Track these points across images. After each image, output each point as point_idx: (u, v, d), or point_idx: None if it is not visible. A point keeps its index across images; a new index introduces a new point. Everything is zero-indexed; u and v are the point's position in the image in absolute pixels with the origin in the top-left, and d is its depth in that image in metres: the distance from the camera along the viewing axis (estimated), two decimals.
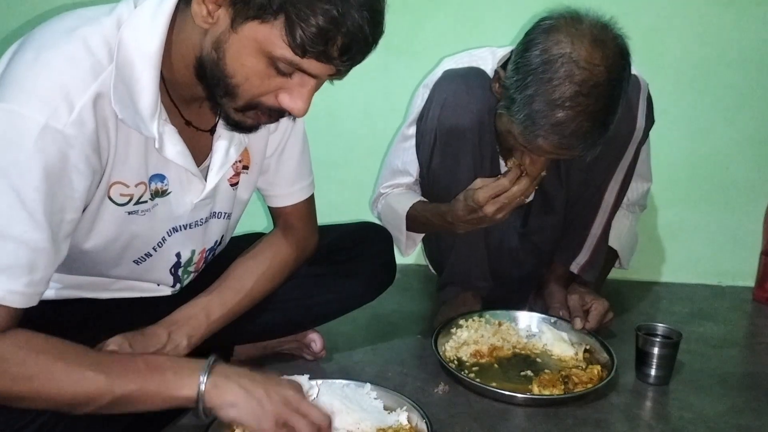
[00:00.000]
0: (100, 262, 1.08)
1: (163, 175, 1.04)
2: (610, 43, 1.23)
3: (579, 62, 1.20)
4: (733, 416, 1.31)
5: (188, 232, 1.13)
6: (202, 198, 1.09)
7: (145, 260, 1.12)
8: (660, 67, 1.89)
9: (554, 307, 1.61)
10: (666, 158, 1.88)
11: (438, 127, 1.47)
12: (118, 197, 1.00)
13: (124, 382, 0.91)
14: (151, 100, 0.93)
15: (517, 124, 1.27)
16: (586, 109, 1.21)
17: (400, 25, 1.90)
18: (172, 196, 1.07)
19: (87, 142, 0.90)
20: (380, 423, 1.14)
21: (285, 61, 0.89)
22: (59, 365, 0.89)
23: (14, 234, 0.86)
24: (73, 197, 0.91)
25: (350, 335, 1.58)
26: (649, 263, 2.03)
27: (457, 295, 1.66)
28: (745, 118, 1.95)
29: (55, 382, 0.89)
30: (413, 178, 1.63)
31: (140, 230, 1.06)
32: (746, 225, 2.01)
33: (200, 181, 1.08)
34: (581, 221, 1.60)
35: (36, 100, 0.85)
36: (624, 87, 1.25)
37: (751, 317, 1.85)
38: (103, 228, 1.01)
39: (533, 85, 1.23)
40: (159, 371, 0.94)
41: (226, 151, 1.09)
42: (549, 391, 1.32)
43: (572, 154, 1.28)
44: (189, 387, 0.94)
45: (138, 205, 1.03)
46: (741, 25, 1.88)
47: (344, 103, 1.97)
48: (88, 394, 0.90)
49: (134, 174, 1.00)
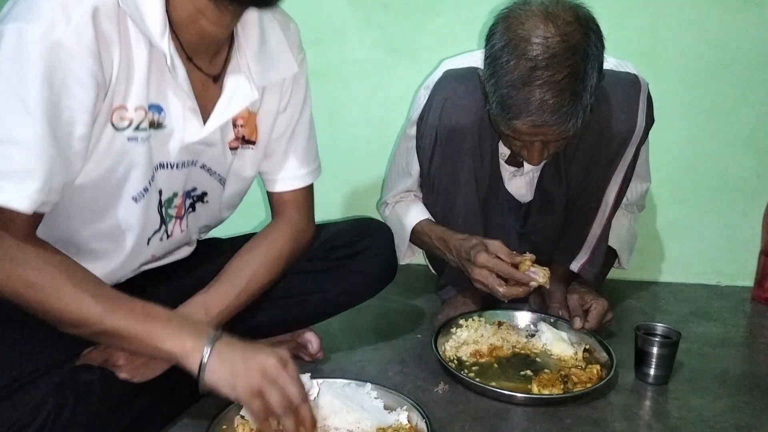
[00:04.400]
0: (101, 197, 1.06)
1: (161, 107, 1.05)
2: (563, 14, 1.24)
3: (531, 39, 1.23)
4: (731, 415, 1.31)
5: (174, 173, 1.12)
6: (197, 140, 1.09)
7: (143, 196, 1.09)
8: (660, 67, 1.89)
9: (554, 306, 1.61)
10: (665, 158, 1.89)
11: (438, 128, 1.47)
12: (119, 121, 1.01)
13: (116, 318, 0.97)
14: (158, 15, 0.96)
15: (495, 115, 1.31)
16: (548, 81, 1.22)
17: (400, 26, 1.91)
18: (166, 132, 1.07)
19: (87, 53, 0.92)
20: (380, 422, 1.15)
21: None
22: (68, 284, 0.95)
23: (21, 140, 0.90)
24: (79, 110, 0.94)
25: (350, 335, 1.58)
26: (649, 263, 2.03)
27: (457, 295, 1.66)
28: (744, 119, 1.95)
29: (59, 298, 0.94)
30: (414, 179, 1.64)
31: (138, 160, 1.05)
32: (745, 225, 2.01)
33: (198, 123, 1.08)
34: (581, 221, 1.60)
35: (38, 16, 0.90)
36: (590, 53, 1.25)
37: (750, 317, 1.85)
38: (104, 156, 1.01)
39: (496, 72, 1.27)
40: (151, 319, 0.99)
41: (230, 98, 1.10)
42: (548, 390, 1.32)
43: (554, 131, 1.28)
44: (172, 342, 0.98)
45: (137, 132, 1.03)
46: (741, 25, 1.88)
47: (344, 103, 1.98)
48: (81, 318, 0.95)
49: (135, 98, 1.01)
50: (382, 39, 1.92)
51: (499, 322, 1.57)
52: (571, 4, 1.27)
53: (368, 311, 1.65)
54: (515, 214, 1.65)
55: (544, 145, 1.34)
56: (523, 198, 1.64)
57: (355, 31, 1.94)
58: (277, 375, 1.00)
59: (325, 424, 1.13)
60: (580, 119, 1.28)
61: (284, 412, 0.99)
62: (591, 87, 1.27)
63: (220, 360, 0.98)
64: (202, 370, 0.98)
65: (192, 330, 1.00)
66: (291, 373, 1.02)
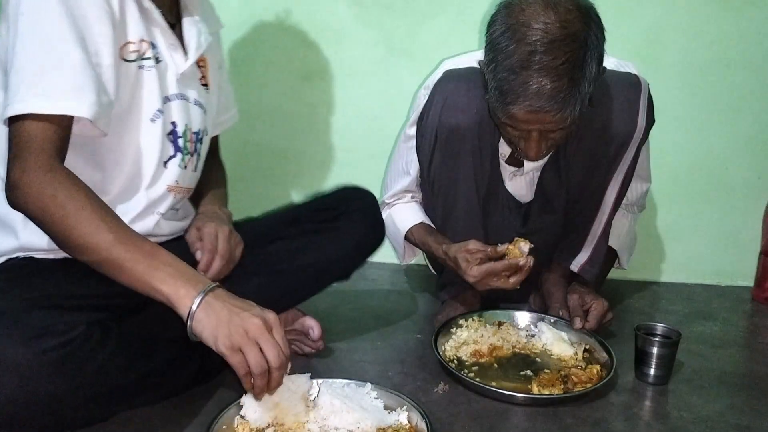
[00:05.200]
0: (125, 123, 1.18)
1: (154, 43, 1.21)
2: (564, 2, 1.25)
3: (531, 25, 1.24)
4: (731, 415, 1.31)
5: (179, 104, 1.27)
6: (185, 70, 1.26)
7: (159, 117, 1.22)
8: (660, 67, 1.89)
9: (554, 306, 1.61)
10: (665, 158, 1.89)
11: (438, 127, 1.47)
12: (129, 54, 1.16)
13: (123, 249, 1.04)
14: None
15: (492, 102, 1.32)
16: (547, 66, 1.22)
17: (400, 26, 1.91)
18: (162, 65, 1.23)
19: None
20: (380, 422, 1.15)
21: None
22: (89, 208, 1.04)
23: (66, 62, 1.04)
24: (103, 42, 1.09)
25: (350, 335, 1.58)
26: (649, 263, 2.04)
27: (457, 295, 1.66)
28: (744, 119, 1.95)
29: (78, 220, 1.03)
30: (414, 178, 1.64)
31: (149, 85, 1.20)
32: (745, 225, 2.01)
33: (182, 56, 1.26)
34: (581, 221, 1.61)
35: None
36: (589, 41, 1.25)
37: (750, 317, 1.85)
38: (123, 86, 1.15)
39: (496, 57, 1.28)
40: (155, 259, 1.06)
41: (197, 37, 1.29)
42: (548, 390, 1.32)
43: (551, 117, 1.27)
44: (167, 285, 1.04)
45: (144, 60, 1.18)
46: (741, 25, 1.88)
47: (345, 103, 1.98)
48: (92, 243, 1.03)
49: (135, 33, 1.16)
50: (382, 39, 1.92)
51: (499, 322, 1.58)
52: None
53: (368, 311, 1.65)
54: (515, 214, 1.65)
55: (542, 136, 1.33)
56: (524, 198, 1.64)
57: (355, 31, 1.94)
58: (258, 335, 1.03)
59: (325, 424, 1.13)
60: (578, 107, 1.27)
61: (258, 372, 1.03)
62: (589, 76, 1.27)
63: (207, 311, 1.03)
64: (190, 318, 1.03)
65: (189, 278, 1.06)
66: (275, 335, 1.05)
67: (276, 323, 1.06)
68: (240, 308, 1.05)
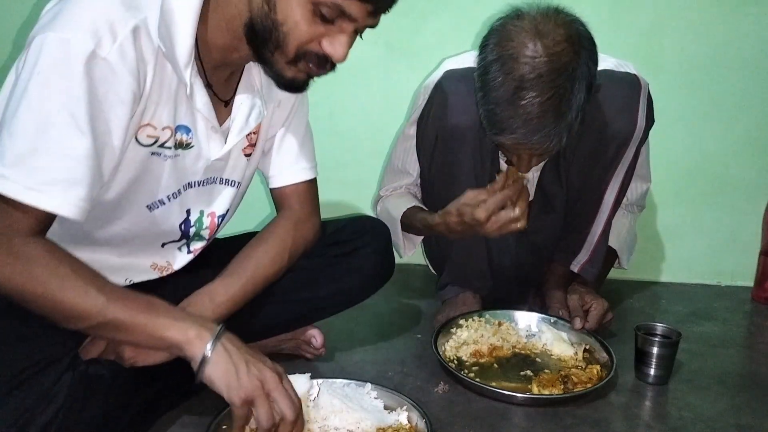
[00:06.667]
0: (117, 205, 1.10)
1: (188, 127, 1.11)
2: (552, 32, 1.24)
3: (519, 58, 1.23)
4: (731, 415, 1.31)
5: (201, 190, 1.19)
6: (219, 157, 1.15)
7: (158, 207, 1.14)
8: (660, 67, 1.89)
9: (554, 306, 1.61)
10: (665, 158, 1.89)
11: (439, 128, 1.47)
12: (145, 138, 1.06)
13: (118, 308, 0.97)
14: (186, 48, 1.01)
15: (483, 123, 1.33)
16: (532, 102, 1.23)
17: (401, 25, 1.91)
18: (194, 150, 1.13)
19: (128, 72, 0.97)
20: (380, 422, 1.15)
21: (329, 5, 0.98)
22: (72, 277, 0.96)
23: (71, 152, 0.94)
24: (116, 124, 0.98)
25: (350, 335, 1.58)
26: (649, 263, 2.03)
27: (457, 295, 1.66)
28: (744, 119, 1.95)
29: (64, 291, 0.95)
30: (413, 178, 1.64)
31: (159, 174, 1.11)
32: (745, 225, 2.01)
33: (221, 139, 1.15)
34: (581, 221, 1.60)
35: (84, 30, 0.93)
36: (578, 72, 1.24)
37: (750, 317, 1.85)
38: (125, 169, 1.06)
39: (484, 86, 1.29)
40: (154, 310, 1.00)
41: (246, 116, 1.17)
42: (548, 390, 1.32)
43: (537, 148, 1.29)
44: (174, 331, 0.98)
45: (161, 149, 1.08)
46: (741, 25, 1.88)
47: (345, 103, 1.98)
48: (84, 310, 0.96)
49: (164, 118, 1.06)
50: (382, 39, 1.92)
51: (499, 322, 1.57)
52: (565, 20, 1.26)
53: (368, 311, 1.65)
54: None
55: (531, 157, 1.37)
56: None
57: None
58: (273, 388, 0.99)
59: (325, 424, 1.13)
60: (565, 137, 1.29)
61: (268, 427, 0.98)
62: (577, 105, 1.27)
63: (224, 356, 0.98)
64: (204, 361, 0.97)
65: (196, 321, 1.01)
66: (286, 387, 1.02)
67: (284, 374, 1.04)
68: (254, 356, 1.01)
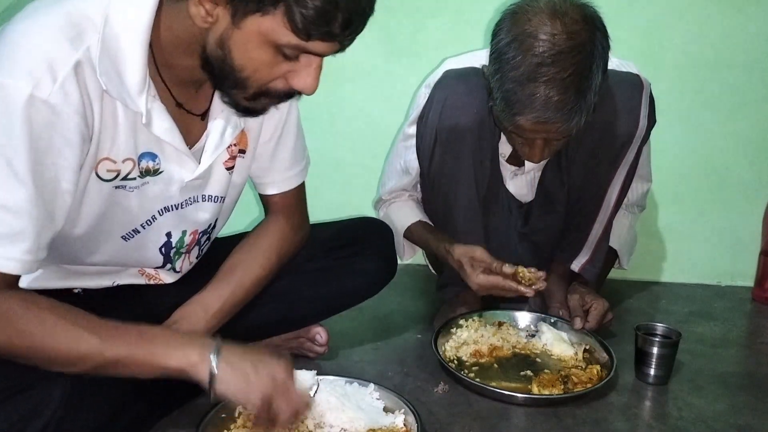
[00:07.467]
0: (89, 239, 1.08)
1: (154, 153, 1.05)
2: (570, 12, 1.25)
3: (538, 36, 1.23)
4: (732, 416, 1.31)
5: (179, 213, 1.14)
6: (193, 178, 1.10)
7: (133, 236, 1.11)
8: (660, 67, 1.89)
9: (554, 306, 1.61)
10: (666, 158, 1.89)
11: (438, 127, 1.47)
12: (105, 173, 1.01)
13: (115, 346, 0.94)
14: (138, 75, 0.94)
15: (498, 111, 1.32)
16: (554, 78, 1.22)
17: (402, 25, 1.91)
18: (164, 175, 1.08)
19: (73, 112, 0.91)
20: (374, 423, 1.14)
21: (291, 47, 0.92)
22: (59, 324, 0.93)
23: (9, 204, 0.89)
24: (65, 167, 0.92)
25: (351, 335, 1.58)
26: (649, 263, 2.03)
27: (457, 295, 1.66)
28: (744, 119, 1.95)
29: (53, 340, 0.92)
30: (413, 178, 1.64)
31: (128, 206, 1.07)
32: (745, 225, 2.01)
33: (193, 161, 1.09)
34: (582, 221, 1.60)
35: (21, 71, 0.87)
36: (595, 52, 1.25)
37: (750, 317, 1.85)
38: (90, 205, 1.02)
39: (502, 67, 1.27)
40: (150, 341, 0.97)
41: (221, 133, 1.10)
42: (549, 390, 1.32)
43: (557, 128, 1.28)
44: (176, 359, 0.96)
45: (125, 181, 1.04)
46: (741, 25, 1.88)
47: (345, 103, 1.97)
48: (80, 354, 0.93)
49: (122, 150, 1.00)
50: (383, 39, 1.92)
51: (499, 323, 1.57)
52: (579, 3, 1.27)
53: (368, 311, 1.64)
54: (516, 213, 1.65)
55: (546, 143, 1.35)
56: (524, 198, 1.64)
57: None
58: (284, 383, 1.00)
59: (321, 421, 1.13)
60: (584, 117, 1.28)
61: (288, 420, 1.00)
62: (595, 86, 1.27)
63: (231, 369, 0.97)
64: (213, 381, 0.96)
65: (194, 343, 0.99)
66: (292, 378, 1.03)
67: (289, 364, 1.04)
68: (257, 356, 1.01)
